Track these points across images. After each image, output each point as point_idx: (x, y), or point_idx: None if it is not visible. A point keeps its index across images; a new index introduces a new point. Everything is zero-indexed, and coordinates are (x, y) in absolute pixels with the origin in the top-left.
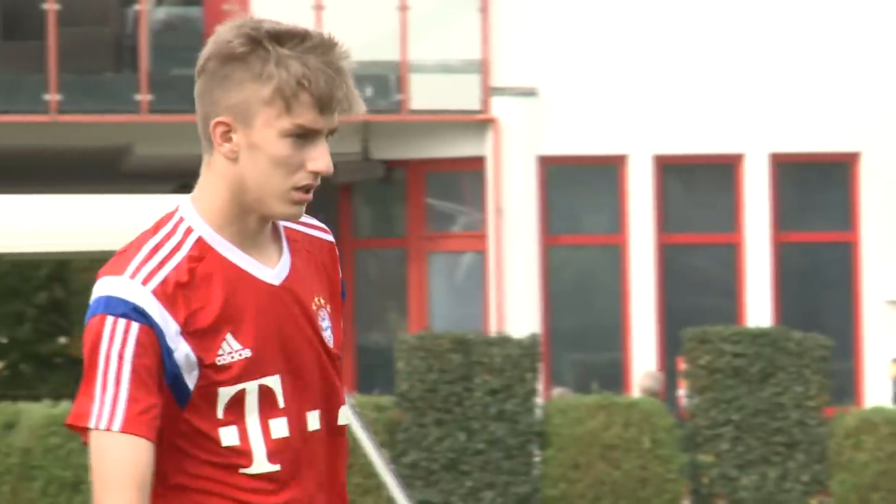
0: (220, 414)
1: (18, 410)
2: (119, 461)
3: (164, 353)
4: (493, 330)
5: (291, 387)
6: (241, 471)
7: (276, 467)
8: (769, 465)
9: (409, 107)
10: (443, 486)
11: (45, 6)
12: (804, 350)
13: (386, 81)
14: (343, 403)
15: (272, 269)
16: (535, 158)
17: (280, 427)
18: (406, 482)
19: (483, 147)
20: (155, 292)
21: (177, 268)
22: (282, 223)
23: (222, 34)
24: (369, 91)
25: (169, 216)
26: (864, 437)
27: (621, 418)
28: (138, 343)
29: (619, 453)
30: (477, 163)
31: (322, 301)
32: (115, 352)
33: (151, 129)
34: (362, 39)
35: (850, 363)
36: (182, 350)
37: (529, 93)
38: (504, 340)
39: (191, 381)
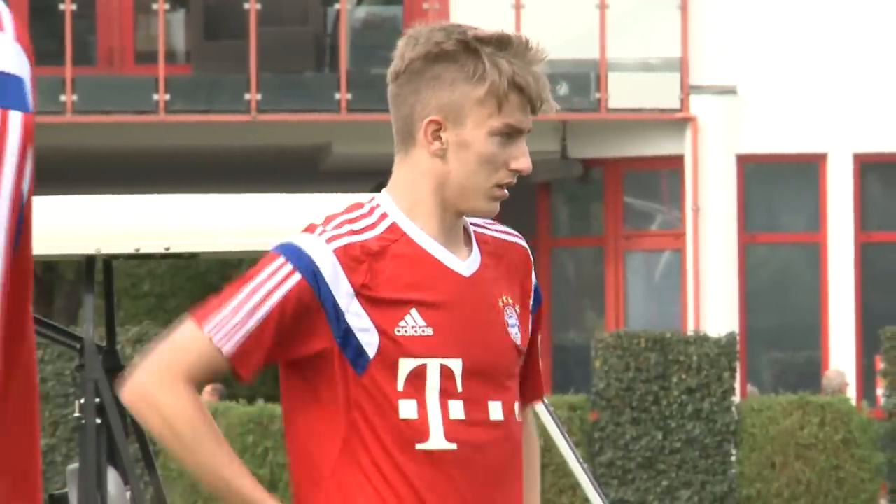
0: (400, 386)
1: (215, 409)
2: (200, 364)
3: (331, 313)
4: (690, 329)
5: (473, 373)
6: (418, 446)
7: (453, 446)
8: None
9: (608, 105)
10: (639, 485)
11: (247, 6)
12: None
13: (585, 80)
14: (516, 399)
15: (463, 262)
16: (733, 157)
17: (457, 409)
18: (602, 481)
19: (681, 146)
20: (336, 252)
21: (368, 240)
22: (472, 227)
23: (428, 36)
24: (566, 89)
25: (363, 203)
26: None
27: (816, 417)
28: (289, 294)
29: (814, 452)
30: (675, 161)
31: (510, 300)
32: (265, 288)
33: (350, 127)
34: (561, 38)
35: None
36: (354, 311)
37: (728, 91)
38: (701, 339)
39: (370, 347)
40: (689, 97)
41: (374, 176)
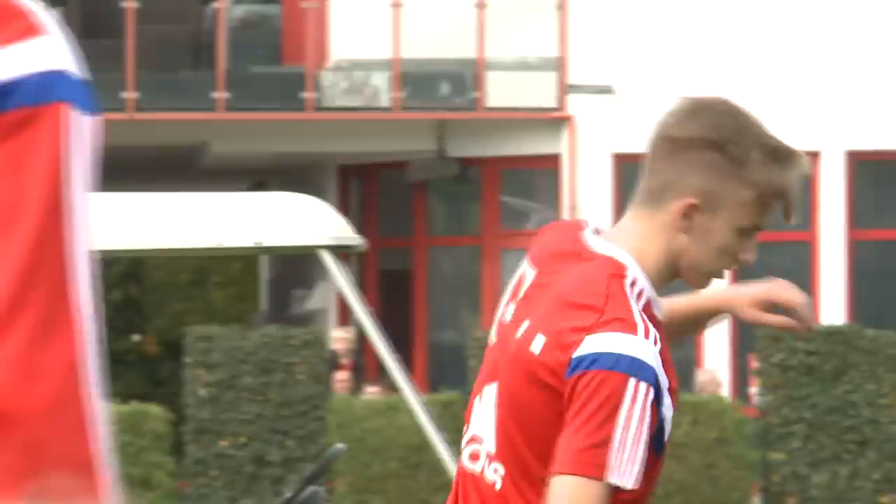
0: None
1: None
2: None
3: (660, 410)
4: None
5: None
6: None
7: None
8: (841, 463)
9: (485, 104)
10: None
11: (124, 4)
12: (877, 348)
13: (462, 79)
14: None
15: None
16: (610, 156)
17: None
18: None
19: (558, 145)
20: (659, 352)
21: (655, 327)
22: None
23: (718, 123)
24: (445, 88)
25: (622, 273)
26: None
27: (689, 416)
28: (652, 408)
29: (687, 451)
30: (552, 161)
31: None
32: (636, 415)
33: (228, 126)
34: (439, 36)
35: None
36: (667, 403)
37: (606, 90)
38: None
39: (667, 433)
40: (566, 96)
41: (251, 174)
